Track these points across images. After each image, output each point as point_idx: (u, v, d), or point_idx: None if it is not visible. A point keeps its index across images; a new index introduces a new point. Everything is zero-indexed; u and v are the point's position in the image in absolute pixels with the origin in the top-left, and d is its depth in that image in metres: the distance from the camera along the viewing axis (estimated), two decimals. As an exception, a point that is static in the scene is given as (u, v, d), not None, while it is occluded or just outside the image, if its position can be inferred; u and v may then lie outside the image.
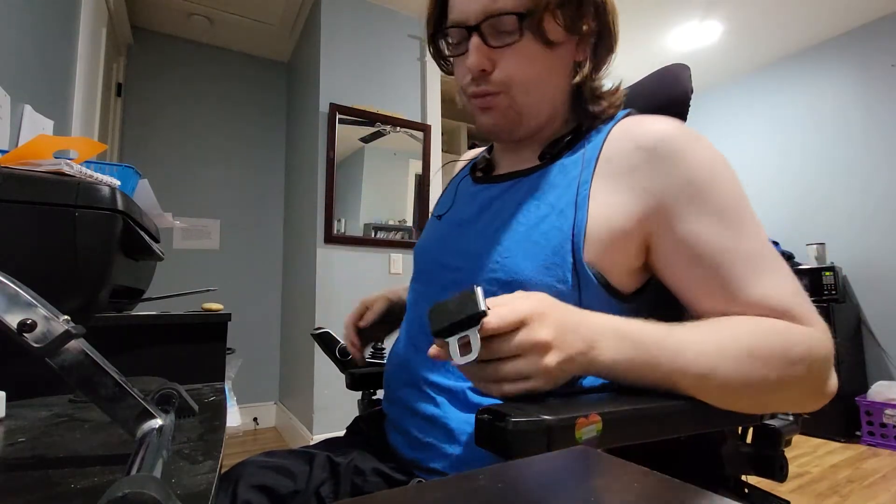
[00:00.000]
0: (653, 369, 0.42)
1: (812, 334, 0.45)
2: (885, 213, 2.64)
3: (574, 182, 0.52)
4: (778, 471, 0.50)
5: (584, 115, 0.58)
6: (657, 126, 0.52)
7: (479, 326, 0.37)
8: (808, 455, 2.23)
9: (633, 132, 0.53)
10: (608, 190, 0.50)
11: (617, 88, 0.60)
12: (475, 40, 0.52)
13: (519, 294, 0.42)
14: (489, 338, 0.38)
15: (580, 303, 0.48)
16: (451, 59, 0.60)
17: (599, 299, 0.50)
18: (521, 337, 0.38)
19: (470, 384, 0.50)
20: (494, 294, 0.45)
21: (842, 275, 2.75)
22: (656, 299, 0.54)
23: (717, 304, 0.47)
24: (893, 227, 2.61)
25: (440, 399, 0.52)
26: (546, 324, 0.39)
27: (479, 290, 0.38)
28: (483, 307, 0.36)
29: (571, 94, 0.59)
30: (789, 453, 0.51)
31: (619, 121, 0.56)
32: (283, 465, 0.55)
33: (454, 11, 0.54)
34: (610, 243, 0.49)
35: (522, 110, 0.55)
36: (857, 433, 2.44)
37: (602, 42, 0.57)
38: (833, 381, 0.47)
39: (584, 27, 0.54)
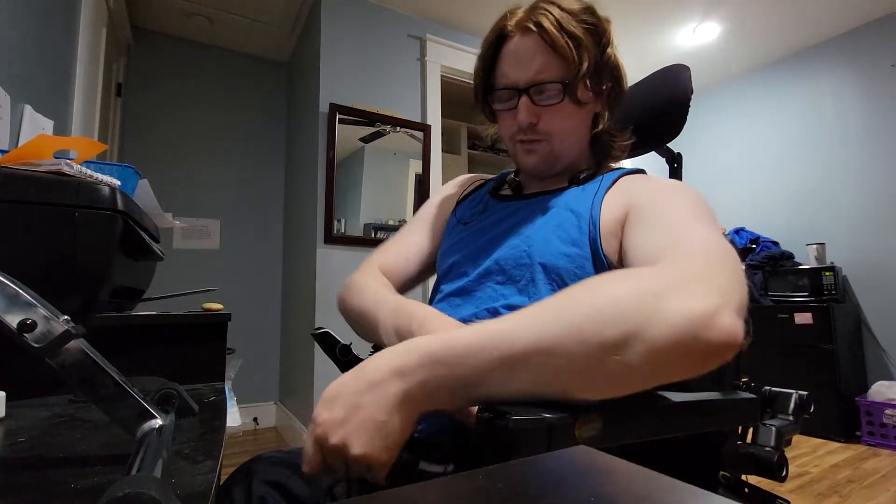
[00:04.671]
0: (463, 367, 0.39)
1: (641, 272, 0.43)
2: (885, 213, 2.64)
3: (591, 196, 0.63)
4: (778, 471, 0.50)
5: (602, 152, 0.72)
6: (648, 177, 0.66)
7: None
8: (808, 455, 2.23)
9: (632, 179, 0.65)
10: (612, 206, 0.60)
11: (626, 131, 0.73)
12: (525, 100, 0.64)
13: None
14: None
15: None
16: (499, 111, 0.71)
17: None
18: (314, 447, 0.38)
19: None
20: (522, 277, 0.58)
21: (842, 275, 2.75)
22: None
23: None
24: (893, 227, 2.61)
25: None
26: (324, 418, 0.38)
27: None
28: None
29: (592, 137, 0.71)
30: (789, 453, 0.51)
31: (630, 173, 0.67)
32: (297, 462, 0.56)
33: (506, 77, 0.66)
34: (615, 242, 0.58)
35: (559, 154, 0.68)
36: (857, 433, 2.44)
37: (616, 96, 0.69)
38: (700, 323, 0.36)
39: (604, 87, 0.67)
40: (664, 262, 0.44)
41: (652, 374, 0.38)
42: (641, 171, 0.70)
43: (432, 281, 0.77)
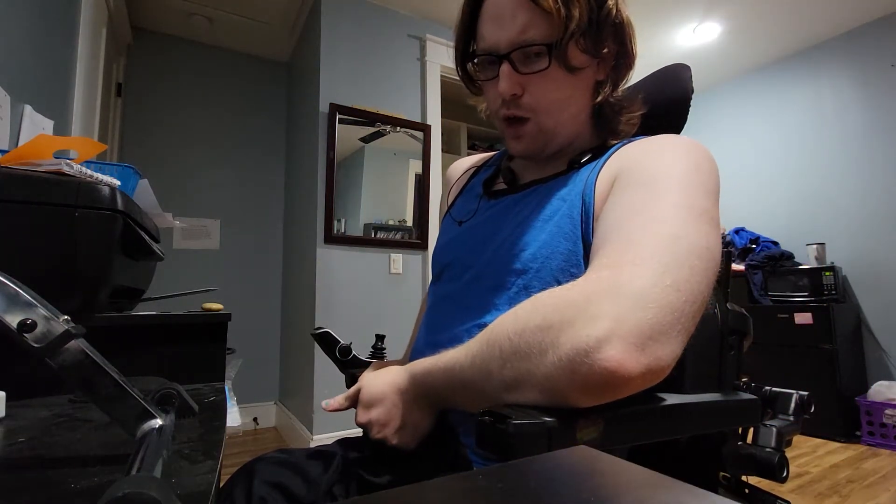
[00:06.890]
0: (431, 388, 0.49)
1: (560, 292, 0.41)
2: (885, 213, 2.64)
3: (583, 180, 0.56)
4: (779, 471, 0.50)
5: (607, 129, 0.63)
6: (655, 137, 0.56)
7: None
8: (808, 455, 2.23)
9: (635, 142, 0.57)
10: (604, 181, 0.54)
11: (634, 102, 0.63)
12: (506, 67, 0.55)
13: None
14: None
15: None
16: (481, 83, 0.63)
17: None
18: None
19: None
20: (514, 284, 0.54)
21: (842, 275, 2.75)
22: None
23: None
24: (893, 227, 2.61)
25: None
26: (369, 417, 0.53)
27: None
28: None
29: (594, 110, 0.62)
30: (789, 453, 0.51)
31: (631, 141, 0.59)
32: (298, 463, 0.57)
33: (485, 40, 0.57)
34: None
35: (549, 132, 0.59)
36: (857, 433, 2.44)
37: (621, 60, 0.60)
38: (615, 352, 0.35)
39: (605, 50, 0.57)
40: (597, 258, 0.44)
41: (554, 403, 0.39)
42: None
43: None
